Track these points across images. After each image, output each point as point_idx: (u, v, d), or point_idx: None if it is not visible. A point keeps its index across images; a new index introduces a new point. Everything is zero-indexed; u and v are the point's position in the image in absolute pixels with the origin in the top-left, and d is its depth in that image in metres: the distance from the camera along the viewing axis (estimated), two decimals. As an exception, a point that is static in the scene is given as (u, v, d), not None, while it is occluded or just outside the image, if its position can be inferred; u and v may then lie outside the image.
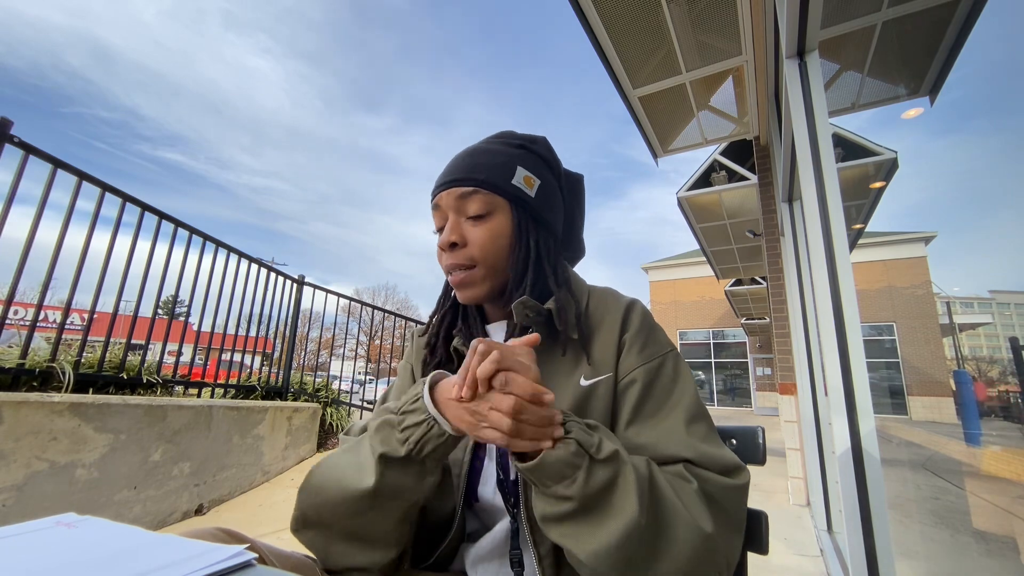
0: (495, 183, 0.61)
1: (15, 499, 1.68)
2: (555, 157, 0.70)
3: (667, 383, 0.57)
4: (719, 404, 16.76)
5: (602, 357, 0.59)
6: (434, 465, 0.52)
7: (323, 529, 0.54)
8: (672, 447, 0.52)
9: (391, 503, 0.51)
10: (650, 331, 0.61)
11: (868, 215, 5.10)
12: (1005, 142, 5.50)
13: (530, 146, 0.67)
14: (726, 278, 9.20)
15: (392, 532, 0.53)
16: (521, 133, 0.69)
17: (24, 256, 1.93)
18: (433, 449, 0.49)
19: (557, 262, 0.65)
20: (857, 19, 2.05)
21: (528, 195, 0.62)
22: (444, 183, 0.62)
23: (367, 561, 0.53)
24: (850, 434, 1.25)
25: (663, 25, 2.46)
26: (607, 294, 0.66)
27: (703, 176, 5.12)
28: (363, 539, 0.53)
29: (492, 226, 0.61)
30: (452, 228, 0.61)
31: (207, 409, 2.52)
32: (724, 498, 0.49)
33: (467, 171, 0.61)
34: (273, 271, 3.57)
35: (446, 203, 0.62)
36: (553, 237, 0.66)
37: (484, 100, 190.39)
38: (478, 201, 0.60)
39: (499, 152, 0.63)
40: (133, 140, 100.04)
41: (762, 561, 1.99)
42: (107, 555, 0.38)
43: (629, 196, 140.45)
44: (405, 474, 0.50)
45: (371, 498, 0.50)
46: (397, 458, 0.50)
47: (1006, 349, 9.20)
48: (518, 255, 0.61)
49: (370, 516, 0.52)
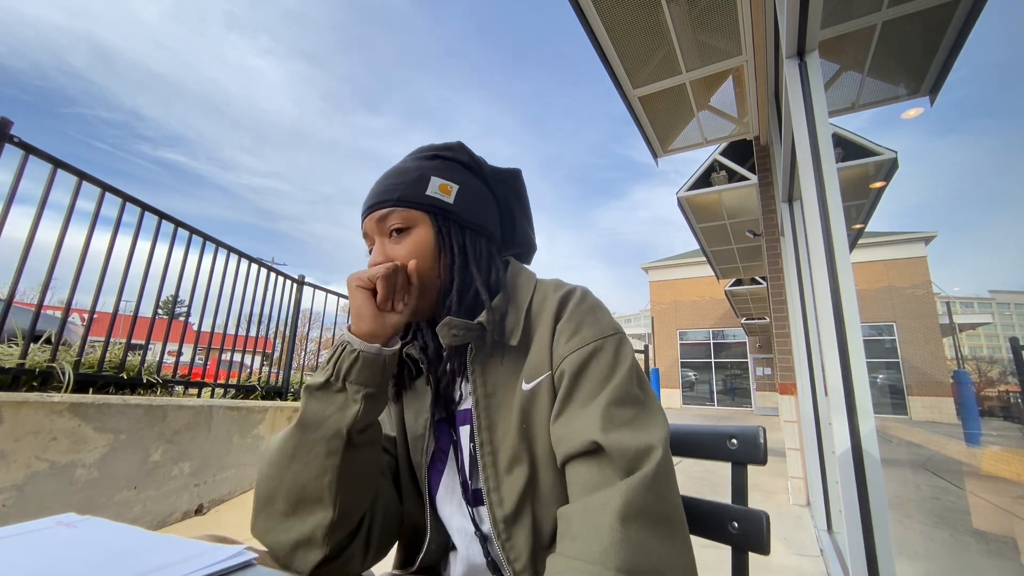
0: (409, 199, 0.62)
1: (15, 499, 1.68)
2: (475, 158, 0.70)
3: (600, 372, 0.54)
4: (719, 404, 16.76)
5: (540, 355, 0.58)
6: (355, 392, 0.54)
7: (268, 508, 0.55)
8: (585, 431, 0.50)
9: (315, 434, 0.53)
10: (584, 315, 0.58)
11: (868, 215, 5.10)
12: (1005, 142, 5.51)
13: (444, 154, 0.67)
14: (726, 278, 9.20)
15: (323, 477, 0.53)
16: (437, 144, 0.70)
17: (24, 256, 1.93)
18: (348, 368, 0.54)
19: (491, 263, 0.65)
20: (857, 19, 2.06)
21: (446, 202, 0.63)
22: (365, 210, 0.65)
23: (309, 527, 0.53)
24: (850, 434, 1.25)
25: (663, 25, 2.46)
26: (548, 287, 0.64)
27: (703, 176, 5.13)
28: (299, 500, 0.53)
29: (413, 240, 0.62)
30: (378, 250, 0.62)
31: (207, 409, 2.52)
32: (641, 504, 0.45)
33: (383, 194, 0.63)
34: (273, 271, 3.57)
35: (370, 228, 0.64)
36: (484, 237, 0.66)
37: (485, 100, 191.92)
38: (396, 218, 0.62)
39: (411, 168, 0.65)
40: (134, 140, 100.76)
41: (763, 561, 1.99)
42: (107, 555, 0.38)
43: (629, 196, 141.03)
44: (326, 402, 0.54)
45: (298, 431, 0.54)
46: (318, 385, 0.54)
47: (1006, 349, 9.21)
48: (445, 263, 0.62)
49: (300, 457, 0.53)
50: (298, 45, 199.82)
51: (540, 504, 0.56)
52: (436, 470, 0.64)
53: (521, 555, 0.55)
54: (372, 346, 0.55)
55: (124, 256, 2.34)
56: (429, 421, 0.63)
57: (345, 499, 0.54)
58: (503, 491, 0.56)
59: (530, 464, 0.56)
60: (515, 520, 0.55)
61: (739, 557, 0.59)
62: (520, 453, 0.56)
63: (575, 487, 0.51)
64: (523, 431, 0.57)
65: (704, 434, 0.67)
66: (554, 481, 0.56)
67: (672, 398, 16.95)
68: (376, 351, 0.55)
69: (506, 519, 0.55)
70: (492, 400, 0.59)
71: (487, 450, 0.57)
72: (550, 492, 0.56)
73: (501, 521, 0.55)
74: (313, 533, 0.53)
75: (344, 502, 0.54)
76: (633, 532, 0.43)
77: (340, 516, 0.53)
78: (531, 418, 0.57)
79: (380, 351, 0.55)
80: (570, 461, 0.52)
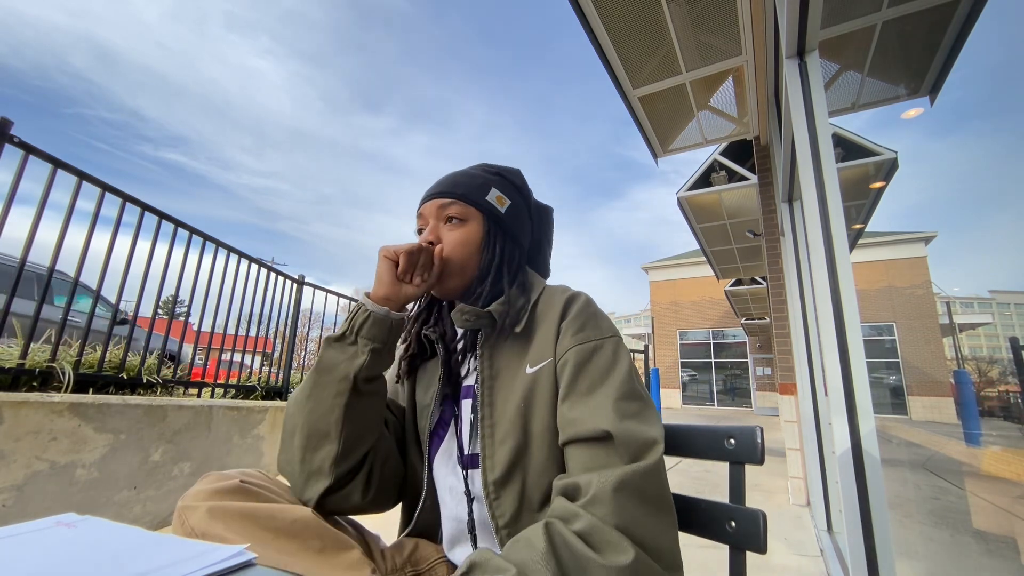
0: (472, 197, 0.72)
1: (15, 499, 1.68)
2: (527, 187, 0.81)
3: (602, 365, 0.62)
4: (719, 404, 16.76)
5: (544, 345, 0.66)
6: (364, 346, 0.63)
7: (288, 442, 0.65)
8: (597, 420, 0.56)
9: (327, 377, 0.63)
10: (588, 317, 0.66)
11: (868, 215, 5.10)
12: (1005, 142, 5.51)
13: (505, 174, 0.78)
14: (726, 278, 9.20)
15: (331, 414, 0.63)
16: (500, 165, 0.80)
17: (24, 256, 1.93)
18: (361, 324, 0.64)
19: (519, 270, 0.75)
20: (857, 19, 2.06)
21: (499, 211, 0.74)
22: (429, 196, 0.74)
23: (319, 460, 0.62)
24: (850, 434, 1.25)
25: (663, 25, 2.46)
26: (556, 290, 0.73)
27: (703, 176, 5.13)
28: (311, 434, 0.63)
29: (465, 231, 0.72)
30: (431, 230, 0.72)
31: (207, 409, 2.52)
32: (642, 486, 0.52)
33: (450, 187, 0.73)
34: (273, 271, 3.57)
35: (428, 211, 0.74)
36: (519, 249, 0.76)
37: (485, 101, 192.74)
38: (456, 209, 0.72)
39: (477, 175, 0.75)
40: (135, 141, 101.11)
41: (762, 561, 1.99)
42: (107, 555, 0.38)
43: (630, 197, 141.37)
44: (340, 351, 0.64)
45: (315, 373, 0.64)
46: (336, 337, 0.65)
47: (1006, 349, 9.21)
48: (485, 258, 0.72)
49: (314, 395, 0.63)
50: (298, 45, 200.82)
51: (530, 473, 0.62)
52: (438, 436, 0.72)
53: (506, 514, 0.61)
54: (383, 308, 0.64)
55: (124, 256, 2.34)
56: (438, 392, 0.72)
57: (348, 436, 0.63)
58: (496, 458, 0.63)
59: (523, 439, 0.63)
60: (504, 484, 0.62)
61: (737, 556, 0.59)
62: (516, 428, 0.63)
63: (578, 466, 0.57)
64: (522, 409, 0.64)
65: (702, 433, 0.67)
66: (547, 455, 0.62)
67: (672, 398, 16.94)
68: (385, 313, 0.64)
69: (496, 482, 0.62)
70: (496, 381, 0.67)
71: (487, 423, 0.65)
72: (541, 465, 0.62)
73: (491, 483, 0.62)
74: (322, 464, 0.62)
75: (347, 438, 0.63)
76: (631, 505, 0.50)
77: (343, 450, 0.63)
78: (531, 399, 0.64)
79: (389, 314, 0.64)
80: (575, 443, 0.58)
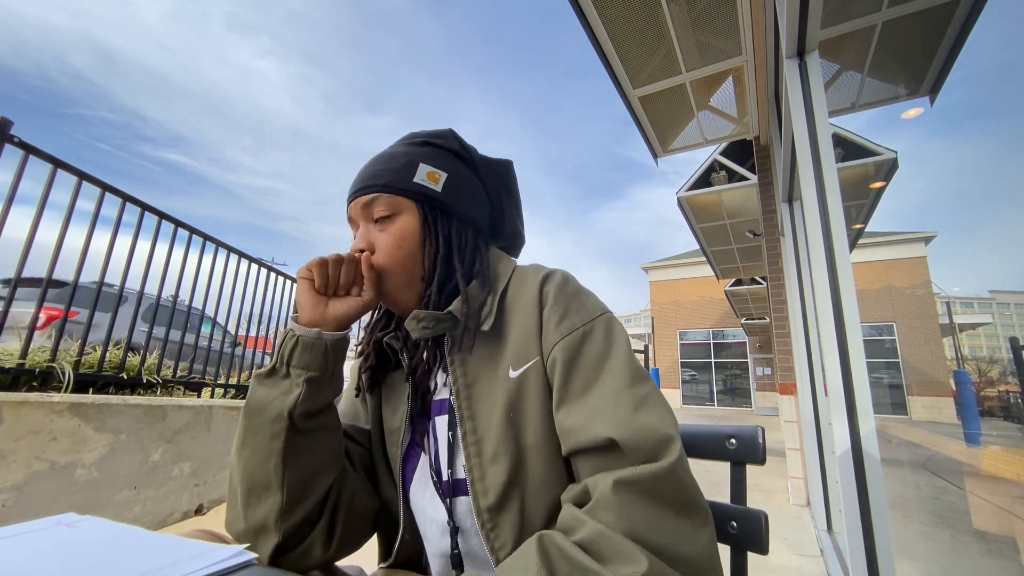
0: (396, 185, 0.61)
1: (15, 499, 1.68)
2: (466, 147, 0.68)
3: (595, 354, 0.53)
4: (719, 404, 16.75)
5: (526, 341, 0.57)
6: (297, 376, 0.55)
7: (232, 500, 0.57)
8: (597, 426, 0.48)
9: (259, 419, 0.54)
10: (569, 299, 0.57)
11: (868, 215, 5.10)
12: (1005, 142, 5.51)
13: (434, 141, 0.66)
14: (726, 278, 9.20)
15: (268, 461, 0.53)
16: (427, 131, 0.68)
17: (24, 256, 1.93)
18: (290, 352, 0.55)
19: (475, 254, 0.64)
20: (857, 19, 2.05)
21: (433, 190, 0.62)
22: (351, 195, 0.64)
23: (262, 514, 0.53)
24: (850, 434, 1.25)
25: (663, 25, 2.46)
26: (527, 272, 0.63)
27: (703, 176, 5.12)
28: (251, 487, 0.54)
29: (397, 228, 0.61)
30: (361, 236, 0.62)
31: (207, 409, 2.52)
32: (660, 491, 0.44)
33: (369, 179, 0.62)
34: (273, 271, 3.57)
35: (355, 213, 0.63)
36: (471, 228, 0.65)
37: (486, 101, 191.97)
38: (382, 205, 0.61)
39: (400, 154, 0.63)
40: (136, 141, 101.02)
41: (762, 561, 1.99)
42: (107, 555, 0.38)
43: (630, 197, 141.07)
44: (271, 387, 0.55)
45: (245, 417, 0.55)
46: (265, 372, 0.56)
47: (1006, 349, 9.20)
48: (429, 252, 0.61)
49: (248, 443, 0.54)
50: (299, 46, 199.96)
51: (529, 493, 0.54)
52: (411, 461, 0.63)
53: (507, 544, 0.52)
54: (312, 330, 0.55)
55: (124, 256, 2.34)
56: (407, 414, 0.62)
57: (292, 484, 0.53)
58: (488, 481, 0.54)
59: (516, 453, 0.54)
60: (500, 509, 0.53)
61: (738, 557, 0.59)
62: (506, 442, 0.54)
63: (586, 474, 0.49)
64: (510, 419, 0.55)
65: (703, 434, 0.67)
66: (545, 470, 0.54)
67: (672, 398, 16.95)
68: (315, 335, 0.55)
69: (490, 508, 0.53)
70: (473, 390, 0.58)
71: (470, 440, 0.56)
72: (540, 480, 0.54)
73: (485, 511, 0.53)
74: (266, 519, 0.53)
75: (292, 487, 0.53)
76: (641, 507, 0.43)
77: (289, 501, 0.53)
78: (519, 406, 0.55)
79: (320, 335, 0.55)
80: (580, 453, 0.50)
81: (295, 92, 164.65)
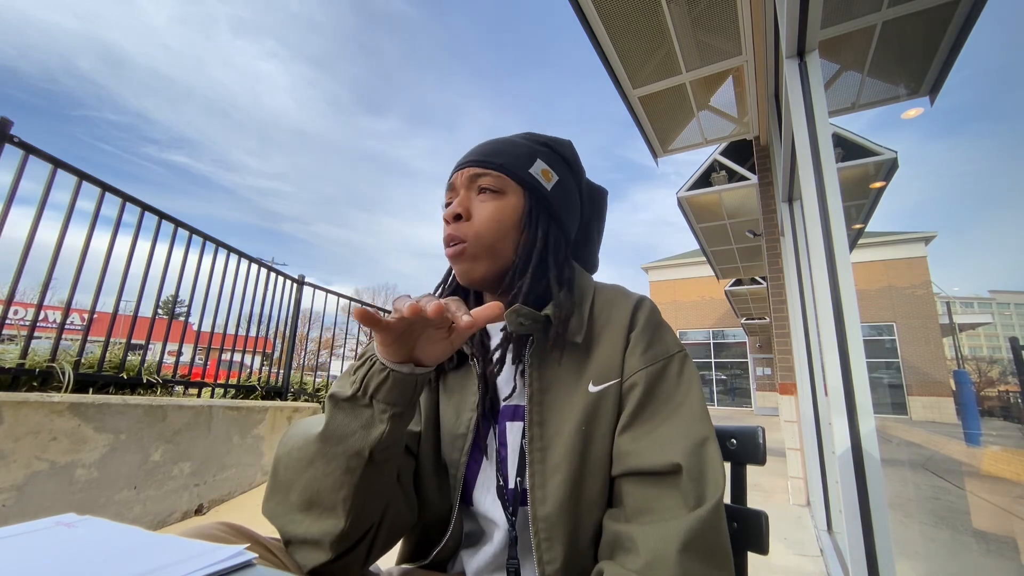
0: (512, 168, 0.61)
1: (15, 499, 1.68)
2: (578, 162, 0.69)
3: (670, 387, 0.55)
4: (719, 404, 16.76)
5: (609, 360, 0.57)
6: (381, 412, 0.49)
7: (282, 494, 0.53)
8: (665, 452, 0.50)
9: (336, 448, 0.50)
10: (655, 330, 0.59)
11: (868, 215, 5.10)
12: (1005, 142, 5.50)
13: (554, 145, 0.67)
14: (726, 278, 9.20)
15: (339, 491, 0.50)
16: (549, 135, 0.68)
17: (24, 256, 1.93)
18: (377, 387, 0.49)
19: (565, 260, 0.63)
20: (857, 19, 2.05)
21: (544, 187, 0.62)
22: (461, 164, 0.63)
23: (318, 531, 0.50)
24: (850, 434, 1.25)
25: (663, 25, 2.46)
26: (615, 292, 0.63)
27: (703, 176, 5.12)
28: (313, 503, 0.51)
29: (501, 205, 0.60)
30: (460, 201, 0.61)
31: (207, 409, 2.52)
32: (711, 538, 0.46)
33: (488, 155, 0.62)
34: (273, 271, 3.57)
35: (459, 181, 0.62)
36: (564, 236, 0.65)
37: (489, 103, 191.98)
38: (491, 180, 0.60)
39: (521, 144, 0.64)
40: (140, 143, 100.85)
41: (762, 561, 1.99)
42: (107, 555, 0.38)
43: (630, 198, 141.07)
44: (352, 416, 0.50)
45: (320, 441, 0.50)
46: (345, 398, 0.50)
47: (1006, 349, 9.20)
48: (524, 242, 0.60)
49: (319, 466, 0.50)
50: (304, 49, 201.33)
51: (583, 508, 0.54)
52: (471, 468, 0.61)
53: (556, 560, 0.52)
54: (405, 365, 0.49)
55: (124, 256, 2.34)
56: (475, 419, 0.59)
57: (358, 514, 0.51)
58: (548, 488, 0.53)
59: (580, 467, 0.54)
60: (555, 521, 0.53)
61: (738, 557, 0.59)
62: (572, 454, 0.54)
63: (634, 503, 0.50)
64: (582, 432, 0.54)
65: (704, 434, 0.66)
66: (600, 489, 0.54)
67: (672, 398, 16.94)
68: (409, 370, 0.49)
69: (548, 517, 0.53)
70: (546, 396, 0.57)
71: (536, 446, 0.55)
72: (594, 499, 0.54)
73: (542, 519, 0.53)
74: (321, 538, 0.50)
75: (357, 516, 0.51)
76: (695, 565, 0.44)
77: (349, 527, 0.51)
78: (593, 421, 0.55)
79: (413, 370, 0.50)
80: (634, 476, 0.51)
81: (299, 94, 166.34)
